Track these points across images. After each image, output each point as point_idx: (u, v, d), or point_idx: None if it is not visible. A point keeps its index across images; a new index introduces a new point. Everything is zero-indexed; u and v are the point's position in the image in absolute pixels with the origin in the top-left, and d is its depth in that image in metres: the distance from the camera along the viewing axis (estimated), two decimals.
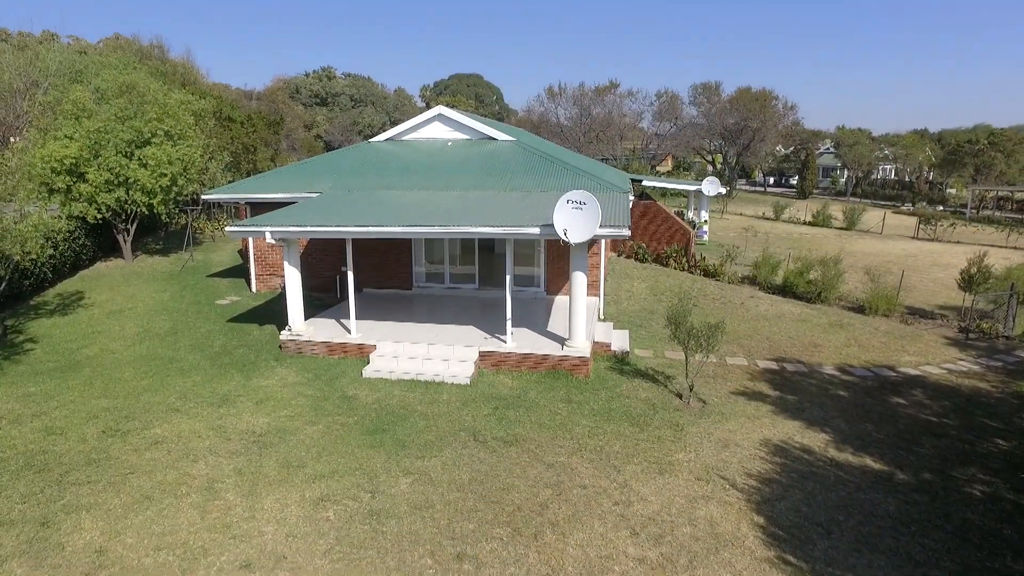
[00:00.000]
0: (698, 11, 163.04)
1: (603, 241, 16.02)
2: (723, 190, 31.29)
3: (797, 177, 67.11)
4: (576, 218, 11.18)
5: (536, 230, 11.66)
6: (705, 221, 30.51)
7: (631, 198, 16.78)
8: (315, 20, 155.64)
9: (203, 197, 18.58)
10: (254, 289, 18.59)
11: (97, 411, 10.80)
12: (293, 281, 13.58)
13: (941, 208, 51.72)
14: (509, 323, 12.89)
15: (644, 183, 29.50)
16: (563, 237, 11.27)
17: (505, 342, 12.86)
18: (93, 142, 18.88)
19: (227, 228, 13.45)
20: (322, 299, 17.37)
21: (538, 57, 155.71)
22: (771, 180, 79.63)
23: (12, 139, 26.87)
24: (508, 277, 12.60)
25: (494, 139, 19.41)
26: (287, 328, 13.74)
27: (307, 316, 14.73)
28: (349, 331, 13.58)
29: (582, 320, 12.40)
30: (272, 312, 16.38)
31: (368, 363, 12.84)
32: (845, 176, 71.34)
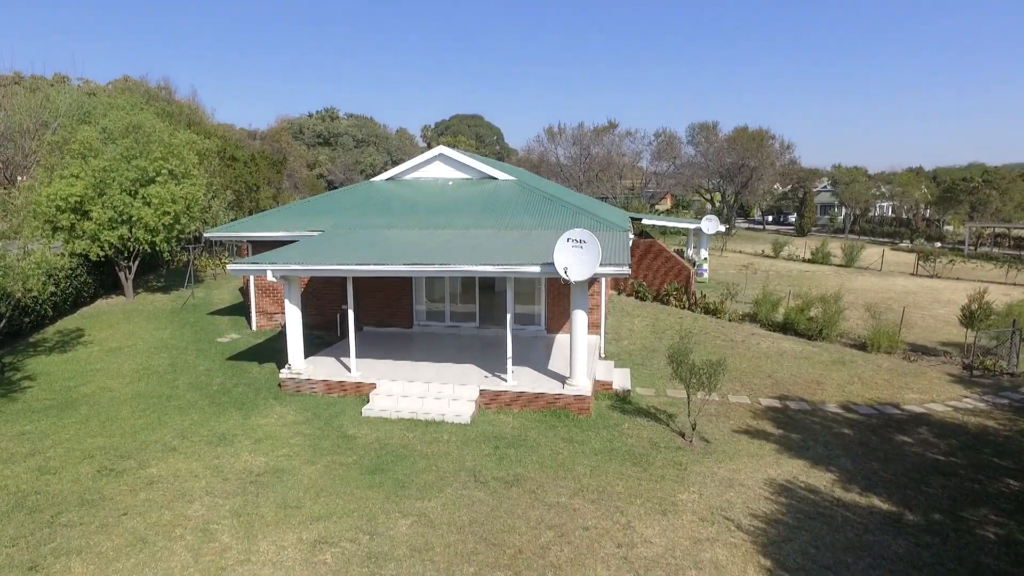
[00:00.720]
0: (696, 52, 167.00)
1: (603, 279, 16.05)
2: (722, 228, 31.51)
3: (795, 215, 67.61)
4: (576, 256, 11.22)
5: (536, 268, 11.70)
6: (705, 259, 30.63)
7: (631, 236, 16.88)
8: (321, 63, 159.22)
9: (205, 235, 18.70)
10: (254, 327, 18.55)
11: (92, 450, 10.66)
12: (293, 319, 13.56)
13: (939, 245, 51.98)
14: (510, 361, 12.82)
15: (644, 221, 29.73)
16: (563, 275, 11.29)
17: (506, 381, 12.77)
18: (98, 180, 19.11)
19: (228, 266, 13.49)
20: (322, 337, 17.32)
21: (538, 98, 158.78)
22: (769, 218, 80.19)
23: (20, 178, 27.20)
24: (509, 315, 12.59)
25: (495, 178, 19.62)
26: (287, 366, 13.67)
27: (307, 354, 14.67)
28: (349, 369, 13.50)
29: (583, 358, 12.34)
30: (272, 350, 16.32)
31: (368, 402, 12.73)
32: (843, 213, 71.90)
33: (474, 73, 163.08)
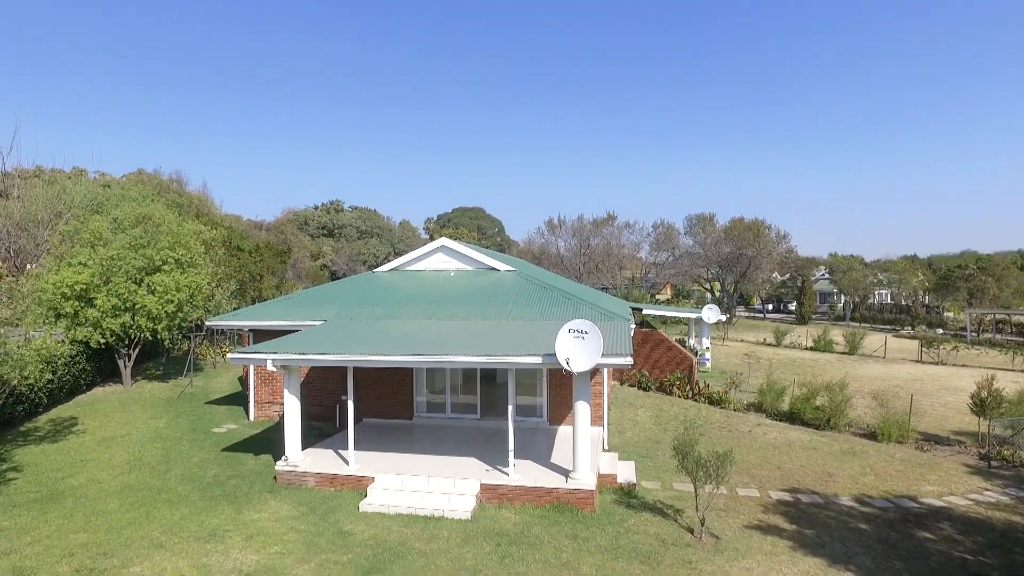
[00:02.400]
0: (692, 147, 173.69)
1: (605, 370, 15.92)
2: (723, 317, 31.62)
3: (795, 303, 68.00)
4: (578, 347, 11.17)
5: (538, 359, 11.61)
6: (707, 348, 30.52)
7: (632, 326, 16.88)
8: (326, 156, 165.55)
9: (207, 323, 18.74)
10: (252, 417, 18.23)
11: (74, 547, 10.19)
12: (292, 410, 13.34)
13: (941, 331, 51.90)
14: (511, 455, 12.49)
15: (644, 311, 29.85)
16: (565, 366, 11.20)
17: (507, 474, 12.39)
18: (105, 268, 19.37)
19: (229, 355, 13.42)
20: (321, 428, 16.98)
21: (538, 191, 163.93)
22: (770, 306, 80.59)
23: (29, 266, 27.64)
24: (510, 407, 12.39)
25: (496, 269, 19.87)
26: (283, 458, 13.31)
27: (305, 446, 14.33)
28: (347, 462, 13.14)
29: (586, 451, 12.03)
30: (269, 441, 15.95)
31: (365, 496, 12.29)
32: (842, 301, 72.32)
33: (475, 167, 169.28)
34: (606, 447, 15.65)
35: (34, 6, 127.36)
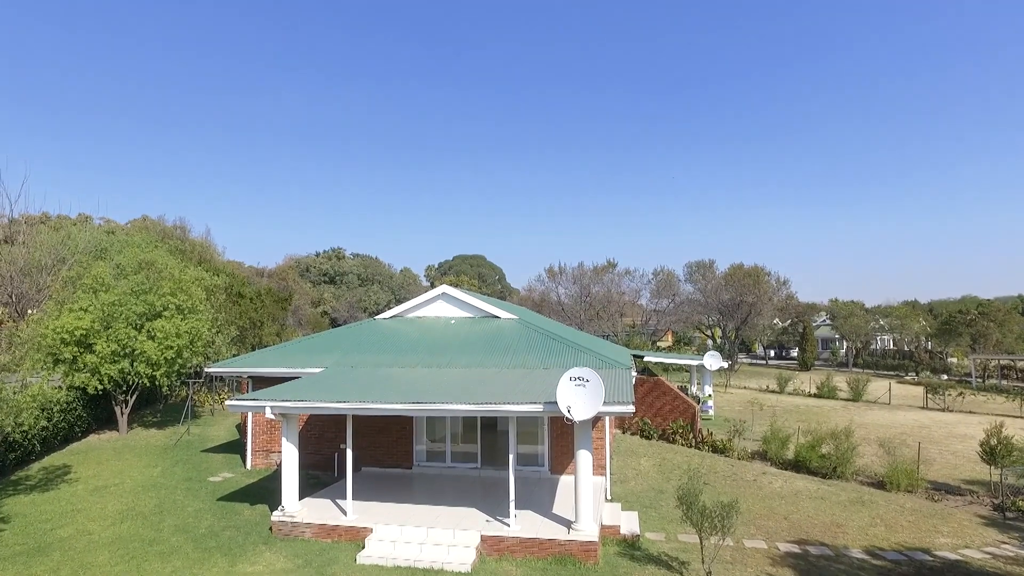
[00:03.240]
0: (691, 194, 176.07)
1: (607, 418, 15.73)
2: (725, 364, 31.38)
3: (797, 349, 67.67)
4: (579, 395, 11.06)
5: (539, 407, 11.49)
6: (709, 395, 30.23)
7: (634, 374, 16.76)
8: (329, 204, 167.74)
9: (206, 370, 18.62)
10: (249, 465, 17.93)
11: None
12: (290, 458, 13.12)
13: (946, 377, 51.48)
14: (512, 505, 12.23)
15: (646, 358, 29.66)
16: (567, 415, 11.06)
17: (508, 525, 12.10)
18: (106, 314, 19.35)
19: (227, 402, 13.30)
20: (319, 477, 16.69)
21: (538, 239, 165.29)
22: (772, 353, 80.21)
23: (30, 311, 27.64)
24: (511, 456, 12.19)
25: (496, 317, 19.85)
26: (280, 508, 13.03)
27: (303, 495, 14.04)
28: (345, 512, 12.85)
29: (589, 501, 11.78)
30: (266, 490, 15.64)
31: (363, 547, 11.97)
32: (844, 347, 71.97)
33: (476, 215, 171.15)
34: (609, 497, 15.34)
35: (44, 69, 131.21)
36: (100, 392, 19.67)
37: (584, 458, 11.66)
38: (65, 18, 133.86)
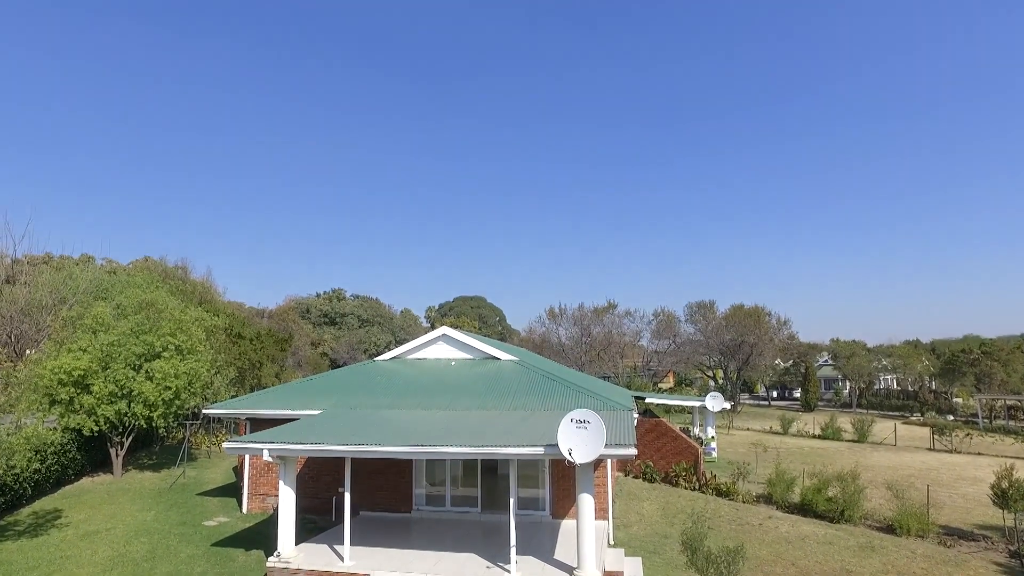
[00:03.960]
0: (691, 236, 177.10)
1: (609, 461, 15.50)
2: (727, 405, 31.09)
3: (800, 390, 67.10)
4: (581, 437, 10.91)
5: (540, 450, 11.32)
6: (712, 437, 29.87)
7: (635, 415, 16.59)
8: (329, 245, 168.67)
9: (204, 411, 18.44)
10: (245, 509, 17.60)
11: None
12: (287, 502, 12.88)
13: (952, 418, 50.85)
14: (513, 550, 11.94)
15: (647, 400, 29.38)
16: (568, 457, 10.90)
17: (509, 571, 11.79)
18: (105, 354, 19.25)
19: (225, 444, 13.12)
20: (316, 522, 16.35)
21: (538, 280, 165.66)
22: (775, 393, 79.51)
23: (28, 351, 27.53)
24: (512, 500, 11.96)
25: (497, 359, 19.75)
26: (276, 554, 12.72)
27: (299, 540, 13.73)
28: (343, 558, 12.54)
29: (591, 547, 11.51)
30: (262, 535, 15.31)
31: None
32: (847, 387, 71.36)
33: (476, 257, 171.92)
34: (612, 542, 15.01)
35: (49, 112, 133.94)
36: (96, 434, 19.43)
37: (586, 502, 11.43)
38: (70, 59, 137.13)
